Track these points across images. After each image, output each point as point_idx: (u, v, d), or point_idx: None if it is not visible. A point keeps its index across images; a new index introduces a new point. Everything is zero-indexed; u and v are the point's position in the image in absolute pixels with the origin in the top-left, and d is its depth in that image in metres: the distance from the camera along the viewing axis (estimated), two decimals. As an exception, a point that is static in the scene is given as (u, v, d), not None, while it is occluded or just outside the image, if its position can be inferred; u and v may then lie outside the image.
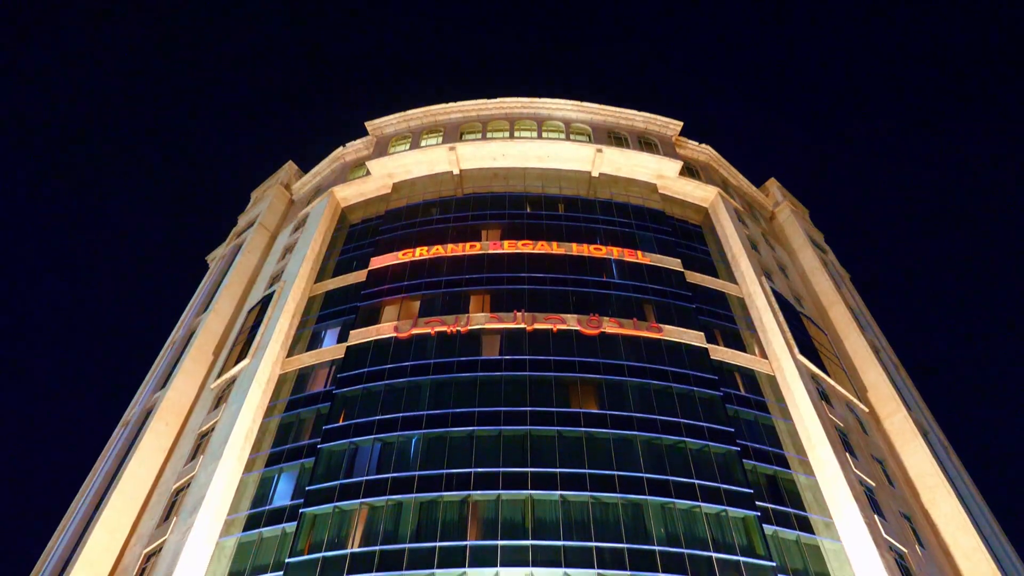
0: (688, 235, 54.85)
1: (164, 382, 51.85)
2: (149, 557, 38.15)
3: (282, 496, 36.37)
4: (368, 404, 39.27)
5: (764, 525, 33.97)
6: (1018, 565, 44.76)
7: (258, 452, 39.69)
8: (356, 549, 32.29)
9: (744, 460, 36.93)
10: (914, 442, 47.55)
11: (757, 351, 46.04)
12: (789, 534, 34.65)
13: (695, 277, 50.01)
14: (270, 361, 44.39)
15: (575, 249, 49.18)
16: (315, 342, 46.13)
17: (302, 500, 35.04)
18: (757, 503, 34.79)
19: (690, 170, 62.55)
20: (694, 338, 43.86)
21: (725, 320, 47.48)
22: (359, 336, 44.01)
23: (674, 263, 49.96)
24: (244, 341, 48.86)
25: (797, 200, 76.75)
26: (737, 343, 45.98)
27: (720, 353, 44.00)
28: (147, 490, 43.98)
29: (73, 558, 39.88)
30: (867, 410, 49.83)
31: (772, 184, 74.94)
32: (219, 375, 48.52)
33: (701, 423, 38.18)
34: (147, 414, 49.35)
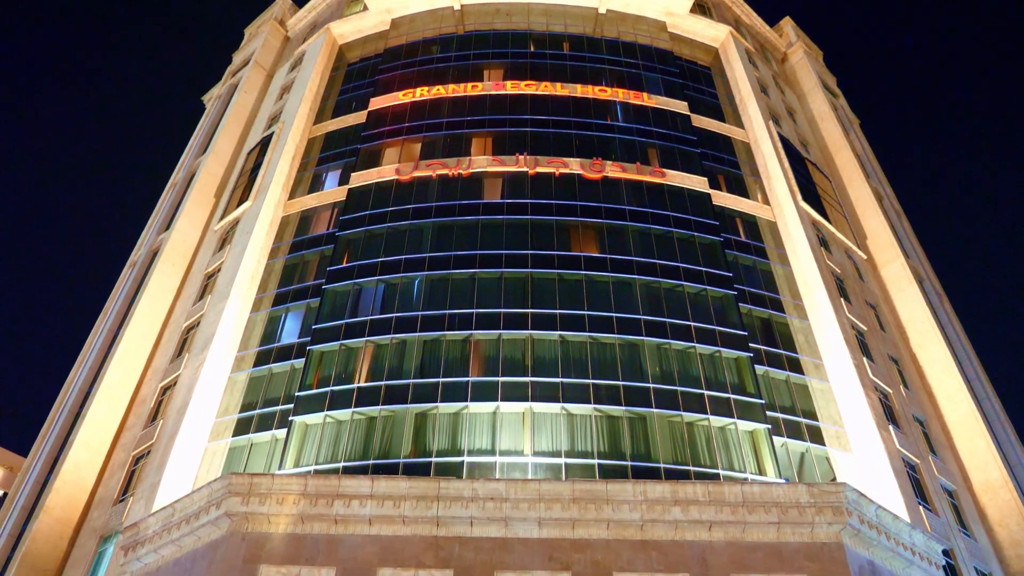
0: (696, 77, 53.20)
1: (168, 224, 52.15)
2: (165, 390, 39.84)
3: (289, 334, 37.45)
4: (371, 246, 39.64)
5: (756, 366, 35.16)
6: (997, 405, 46.75)
7: (264, 292, 40.48)
8: (362, 384, 33.64)
9: (740, 304, 37.70)
10: (909, 289, 48.40)
11: (760, 197, 45.87)
12: (779, 374, 35.93)
13: (701, 121, 48.98)
14: (272, 203, 44.38)
15: (579, 90, 47.87)
16: (316, 184, 45.92)
17: (309, 338, 36.10)
18: (750, 345, 35.84)
19: (701, 7, 59.79)
20: (697, 183, 43.57)
21: (729, 165, 46.98)
22: (360, 179, 43.74)
23: (680, 106, 48.78)
24: (245, 183, 48.64)
25: (811, 41, 73.93)
26: (740, 189, 45.73)
27: (722, 199, 43.86)
28: (158, 328, 45.30)
29: (92, 391, 41.69)
30: (865, 257, 50.33)
31: (786, 23, 71.93)
32: (222, 217, 48.69)
33: (700, 267, 38.66)
34: (153, 255, 50.00)
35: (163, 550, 29.05)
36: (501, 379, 32.96)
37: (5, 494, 70.24)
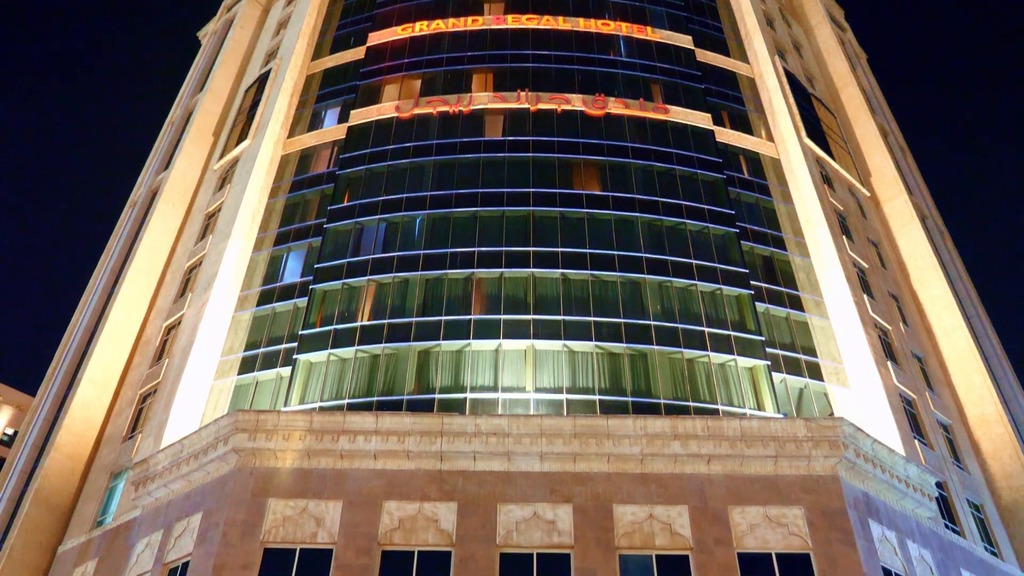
0: (700, 10, 52.07)
1: (167, 164, 51.80)
2: (169, 330, 40.15)
3: (292, 273, 37.54)
4: (372, 185, 39.44)
5: (756, 303, 35.31)
6: (995, 342, 47.11)
7: (265, 232, 40.42)
8: (365, 322, 33.87)
9: (742, 241, 37.65)
10: (911, 225, 48.31)
11: (764, 134, 45.39)
12: (780, 311, 36.10)
13: (706, 56, 48.12)
14: (271, 142, 43.97)
15: (582, 24, 46.93)
16: (316, 122, 45.40)
17: (311, 277, 36.21)
18: (751, 282, 35.94)
19: (708, -63, 58.10)
20: (701, 119, 43.06)
21: (734, 101, 46.35)
22: (360, 116, 43.23)
23: (684, 40, 47.88)
24: (243, 121, 48.12)
25: (819, -28, 72.04)
26: (744, 125, 45.20)
27: (726, 136, 43.41)
28: (160, 268, 45.41)
29: (97, 331, 42.03)
30: (868, 194, 50.06)
31: (794, -46, 70.06)
32: (221, 156, 48.33)
33: (702, 205, 38.50)
34: (153, 195, 49.81)
35: (173, 485, 29.69)
36: (503, 317, 33.18)
37: (16, 432, 71.46)
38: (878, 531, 27.17)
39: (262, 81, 49.65)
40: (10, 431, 74.99)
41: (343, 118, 44.14)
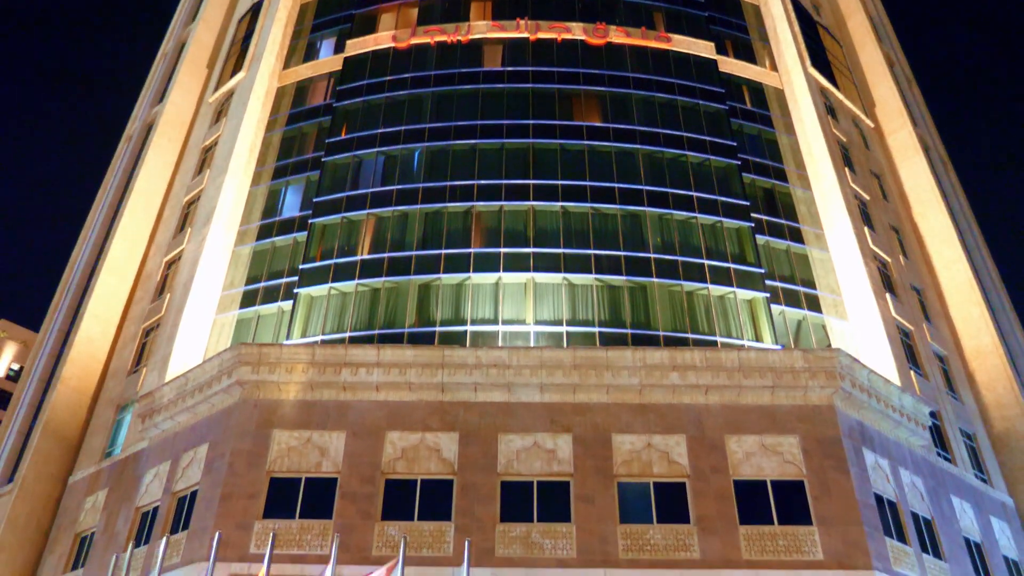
0: (706, -66, 50.46)
1: (161, 97, 51.01)
2: (170, 265, 40.17)
3: (291, 208, 37.37)
4: (369, 117, 38.90)
5: (757, 235, 35.24)
6: (994, 274, 47.18)
7: (263, 166, 40.06)
8: (365, 256, 33.87)
9: (743, 174, 37.36)
10: (914, 158, 47.87)
11: (768, 64, 44.55)
12: (780, 244, 36.06)
13: (710, -18, 46.87)
14: (266, 73, 43.20)
15: (583, -50, 45.57)
16: (311, 53, 44.50)
17: (310, 211, 36.05)
18: (752, 215, 35.79)
19: None
20: (704, 49, 42.21)
21: (737, 30, 45.34)
22: (356, 47, 42.37)
23: (688, -34, 46.54)
24: (237, 53, 47.19)
25: None
26: (748, 55, 44.33)
27: (729, 65, 42.60)
28: (159, 203, 45.19)
29: (98, 266, 42.07)
30: (872, 125, 49.46)
31: None
32: (216, 89, 47.55)
33: (704, 137, 38.06)
34: (148, 129, 49.20)
35: (179, 417, 30.16)
36: (503, 250, 33.16)
37: (22, 368, 72.20)
38: (871, 459, 27.72)
39: (255, 11, 48.50)
40: (16, 366, 75.84)
41: (339, 48, 43.28)
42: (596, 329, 31.16)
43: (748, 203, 36.12)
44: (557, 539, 24.89)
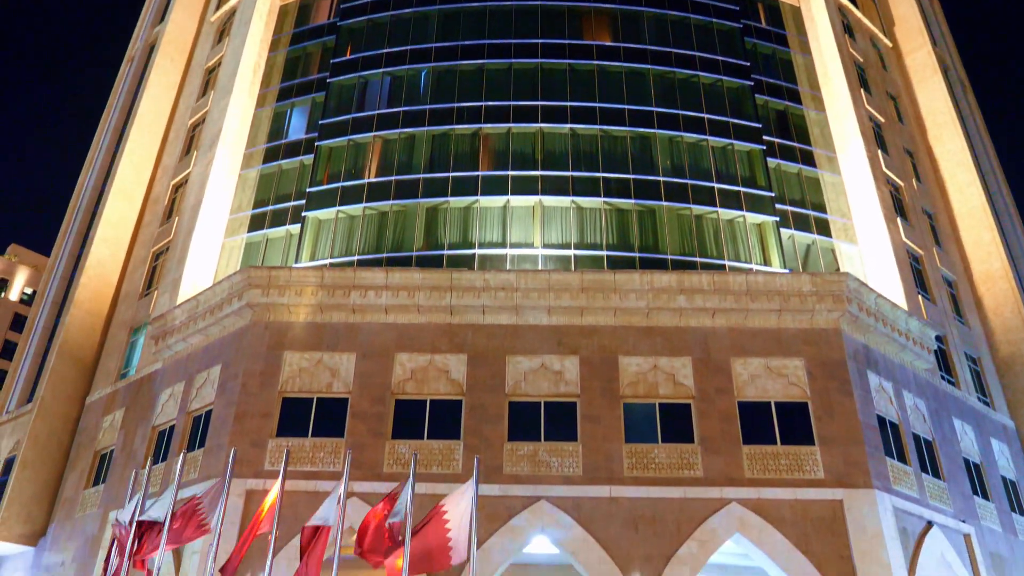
0: None
1: (162, 16, 49.97)
2: (177, 188, 40.07)
3: (296, 130, 36.98)
4: (375, 37, 38.07)
5: (768, 158, 34.79)
6: (1008, 198, 46.61)
7: (268, 87, 39.48)
8: (372, 179, 33.69)
9: (756, 95, 36.61)
10: (932, 78, 46.80)
11: (784, -21, 43.10)
12: (791, 167, 35.61)
13: None
14: (268, -10, 42.13)
15: None
16: (313, -31, 43.27)
17: (316, 134, 35.68)
18: (764, 137, 35.24)
19: None
20: (718, -36, 40.78)
21: (754, -56, 43.70)
22: (360, -38, 41.11)
23: None
24: (238, -31, 45.90)
25: None
26: (764, -30, 42.85)
27: (744, -19, 41.25)
28: (164, 126, 44.80)
29: (106, 190, 42.02)
30: (890, 45, 48.17)
31: None
32: (217, 7, 46.54)
33: (717, 56, 37.16)
34: (150, 49, 48.37)
35: (191, 339, 30.59)
36: (511, 173, 32.90)
37: (35, 292, 72.96)
38: (875, 381, 27.99)
39: (256, -75, 46.94)
40: (29, 290, 76.66)
41: (342, -36, 42.01)
42: (604, 252, 31.15)
43: (760, 125, 35.52)
44: (564, 457, 25.46)
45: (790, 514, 24.41)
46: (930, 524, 26.44)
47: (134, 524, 18.81)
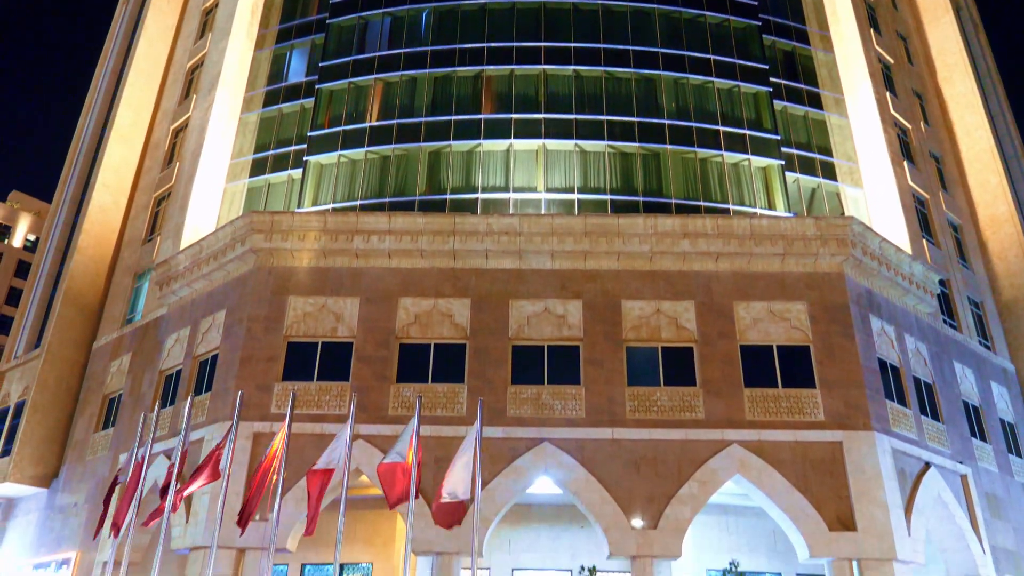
0: None
1: (156, -45, 48.85)
2: (177, 133, 39.73)
3: (296, 73, 36.48)
4: (374, -24, 37.23)
5: (775, 100, 34.31)
6: (1016, 142, 46.06)
7: (267, 28, 38.81)
8: (374, 123, 33.33)
9: (764, 35, 35.91)
10: (944, 18, 45.83)
11: (795, -85, 41.85)
12: (798, 110, 35.15)
13: None
14: (265, -72, 41.06)
15: None
16: (311, -95, 42.10)
17: (316, 76, 35.20)
18: (771, 79, 34.70)
19: None
20: (727, -101, 39.61)
21: None
22: (358, -102, 39.99)
23: None
24: (233, -94, 44.67)
25: None
26: (774, -95, 41.59)
27: (753, -83, 40.07)
28: (161, 69, 44.21)
29: (105, 135, 41.68)
30: (902, -17, 47.06)
31: None
32: (213, -54, 45.45)
33: (724, -5, 36.34)
34: (145, -10, 47.44)
35: (196, 284, 30.67)
36: (514, 116, 32.52)
37: (38, 238, 72.96)
38: (877, 325, 28.08)
39: None
40: (32, 237, 76.67)
41: (340, -100, 40.87)
42: (607, 197, 30.97)
43: (767, 67, 34.95)
44: (567, 400, 25.72)
45: (790, 455, 24.75)
46: (928, 465, 26.82)
47: (145, 466, 19.16)
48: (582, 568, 13.84)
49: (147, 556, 24.67)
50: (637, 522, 23.82)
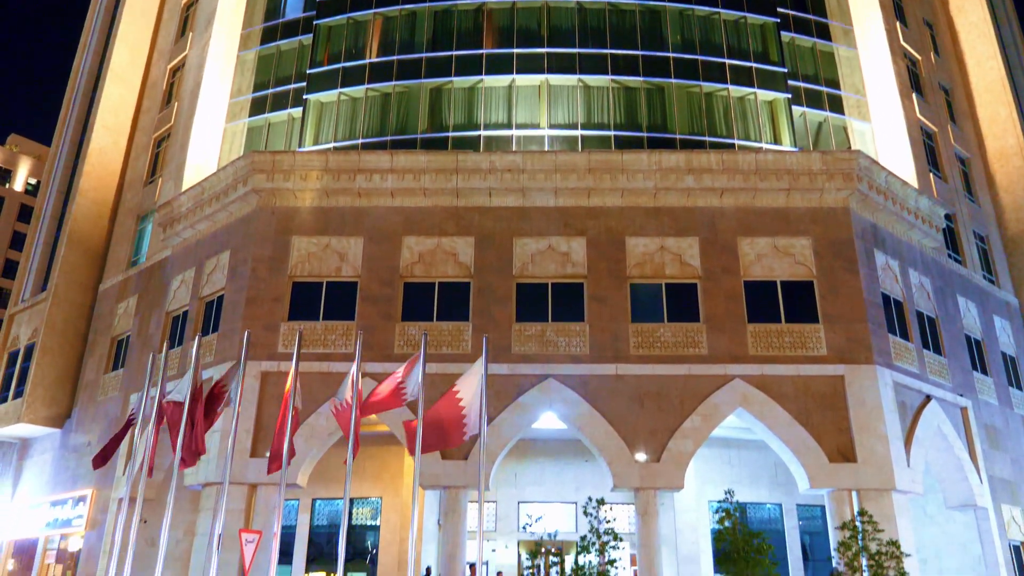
0: None
1: None
2: (174, 72, 39.17)
3: (293, 8, 35.71)
4: (370, -95, 36.10)
5: (782, 32, 33.57)
6: (1028, 72, 45.21)
7: (261, -38, 37.83)
8: (374, 59, 32.75)
9: (771, -36, 34.92)
10: (960, -57, 44.53)
11: None
12: (806, 41, 34.42)
13: None
14: None
15: None
16: None
17: (314, 12, 34.46)
18: (778, 9, 33.87)
19: None
20: None
21: None
22: None
23: None
24: None
25: None
26: None
27: None
28: (156, 5, 43.41)
29: (102, 75, 41.12)
30: (916, -93, 45.54)
31: None
32: None
33: (731, -78, 35.23)
34: (136, -76, 46.15)
35: (199, 225, 30.64)
36: (516, 51, 31.91)
37: (39, 182, 72.61)
38: (882, 260, 28.04)
39: None
40: (33, 180, 76.32)
41: None
42: (611, 133, 30.61)
43: (775, -4, 34.06)
44: (571, 337, 25.89)
45: (792, 390, 25.00)
46: (928, 398, 27.09)
47: (154, 407, 19.42)
48: (589, 499, 14.20)
49: (161, 493, 25.23)
50: (640, 456, 24.23)
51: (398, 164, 27.83)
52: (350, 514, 29.78)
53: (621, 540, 15.91)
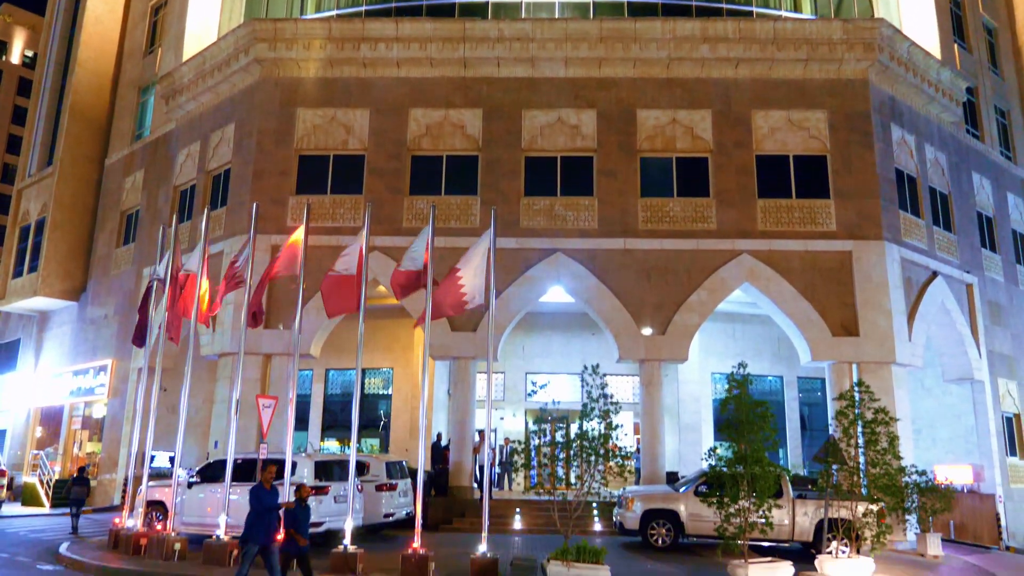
0: None
1: None
2: (156, 11, 36.99)
3: None
4: None
5: None
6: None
7: None
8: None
9: None
10: None
11: None
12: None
13: None
14: None
15: None
16: None
17: None
18: None
19: None
20: None
21: None
22: None
23: None
24: None
25: None
26: None
27: None
28: None
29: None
30: None
31: None
32: None
33: None
34: None
35: (202, 97, 30.08)
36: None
37: (36, 54, 70.82)
38: (898, 134, 27.46)
39: None
40: (30, 53, 74.45)
41: None
42: (624, -1, 29.40)
43: None
44: (580, 211, 25.80)
45: (799, 264, 25.08)
46: (935, 274, 27.18)
47: (167, 279, 19.69)
48: (584, 367, 14.55)
49: (178, 362, 25.91)
50: (647, 329, 24.64)
51: (403, 32, 26.93)
52: (362, 383, 30.69)
53: (619, 406, 16.43)
